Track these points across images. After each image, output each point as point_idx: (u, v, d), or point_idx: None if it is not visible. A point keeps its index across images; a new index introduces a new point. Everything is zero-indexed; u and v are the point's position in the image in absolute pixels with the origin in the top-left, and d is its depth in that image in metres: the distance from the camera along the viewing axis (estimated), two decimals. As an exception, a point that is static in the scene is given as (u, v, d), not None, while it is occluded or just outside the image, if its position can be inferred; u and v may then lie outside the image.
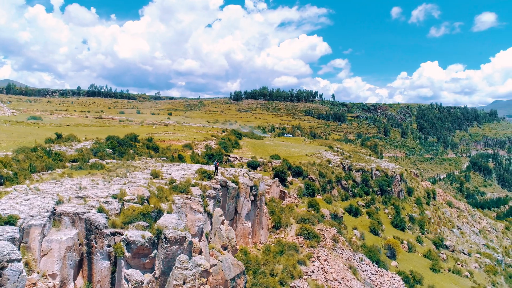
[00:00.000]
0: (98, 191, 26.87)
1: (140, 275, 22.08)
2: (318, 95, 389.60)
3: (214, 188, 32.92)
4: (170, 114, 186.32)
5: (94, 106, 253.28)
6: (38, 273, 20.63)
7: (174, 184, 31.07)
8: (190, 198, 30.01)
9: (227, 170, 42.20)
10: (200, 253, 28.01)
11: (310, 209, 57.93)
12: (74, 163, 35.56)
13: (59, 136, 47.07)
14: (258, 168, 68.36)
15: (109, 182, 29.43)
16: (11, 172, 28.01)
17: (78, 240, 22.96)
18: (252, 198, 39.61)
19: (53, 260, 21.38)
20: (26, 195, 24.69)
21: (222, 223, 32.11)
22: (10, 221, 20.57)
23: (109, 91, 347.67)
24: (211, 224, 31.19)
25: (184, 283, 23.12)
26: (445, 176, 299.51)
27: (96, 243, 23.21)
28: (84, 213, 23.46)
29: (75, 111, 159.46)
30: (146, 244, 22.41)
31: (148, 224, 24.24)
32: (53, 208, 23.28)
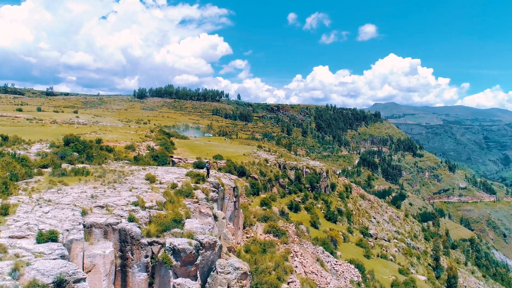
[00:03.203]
0: (114, 199, 24.94)
1: (191, 283, 21.49)
2: (224, 95, 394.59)
3: (213, 191, 32.75)
4: (76, 112, 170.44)
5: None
6: (85, 291, 18.68)
7: (177, 188, 30.17)
8: (198, 202, 29.49)
9: (204, 171, 41.73)
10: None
11: (264, 207, 59.88)
12: (45, 169, 31.89)
13: (4, 138, 40.81)
14: (204, 169, 67.96)
15: (115, 189, 27.37)
16: (-2, 182, 24.34)
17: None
18: (234, 199, 40.02)
19: (99, 276, 19.54)
20: (41, 207, 21.87)
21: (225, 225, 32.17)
22: (52, 237, 18.31)
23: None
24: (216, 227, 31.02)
25: (228, 287, 23.08)
26: (340, 171, 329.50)
27: (132, 254, 21.73)
28: (117, 223, 21.77)
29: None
30: (193, 251, 21.84)
31: (182, 231, 23.52)
32: (82, 220, 21.14)
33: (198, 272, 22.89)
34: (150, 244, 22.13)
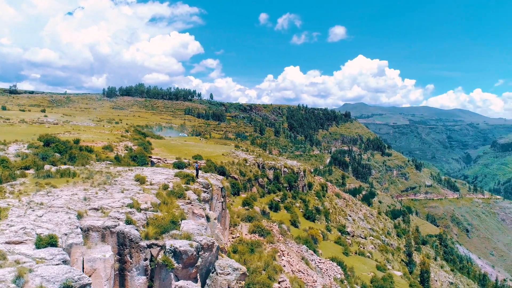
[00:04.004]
0: (108, 201, 24.21)
1: (193, 286, 21.20)
2: (197, 94, 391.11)
3: (204, 191, 32.45)
4: (44, 111, 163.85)
5: None
6: (86, 297, 18.01)
7: (168, 189, 29.69)
8: (191, 203, 29.14)
9: (192, 172, 41.24)
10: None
11: (246, 207, 59.88)
12: (27, 171, 30.60)
13: (-22, 138, 38.72)
14: (185, 169, 67.19)
15: (106, 191, 26.58)
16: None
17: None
18: (222, 199, 39.78)
19: (101, 281, 18.90)
20: (33, 210, 20.95)
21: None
22: (52, 241, 17.61)
23: None
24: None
25: (228, 288, 22.94)
26: (312, 171, 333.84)
27: (131, 258, 21.18)
28: (115, 226, 21.15)
29: None
30: (194, 253, 21.54)
31: (180, 233, 23.15)
32: (79, 223, 20.40)
33: (198, 274, 22.62)
34: (149, 246, 21.64)
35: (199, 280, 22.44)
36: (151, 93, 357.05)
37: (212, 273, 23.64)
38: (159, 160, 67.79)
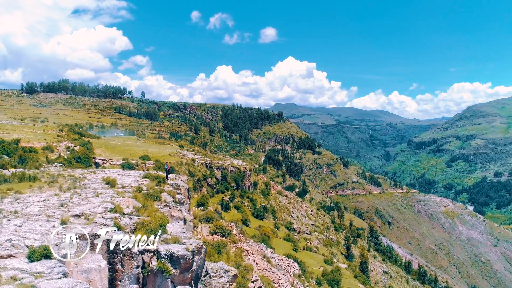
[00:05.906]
0: (88, 207, 22.38)
1: (192, 291, 20.38)
2: (127, 92, 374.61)
3: (177, 193, 31.38)
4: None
5: None
6: (83, 312, 16.45)
7: (143, 192, 28.26)
8: (168, 205, 27.99)
9: (155, 173, 39.57)
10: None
11: (201, 207, 58.96)
12: (-25, 176, 27.21)
13: None
14: (133, 170, 64.27)
15: (80, 196, 24.53)
16: None
17: (103, 266, 19.08)
18: (188, 201, 38.75)
19: (98, 293, 17.39)
20: (9, 220, 18.68)
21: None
22: (46, 253, 15.89)
23: None
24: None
25: (222, 291, 22.45)
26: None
27: (122, 266, 19.81)
28: (105, 233, 19.60)
29: None
30: (191, 257, 20.75)
31: (170, 237, 22.17)
32: (66, 232, 18.58)
33: (192, 279, 21.86)
34: (141, 253, 20.44)
35: (193, 285, 21.72)
36: (77, 90, 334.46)
37: (204, 276, 23.02)
38: (104, 161, 63.94)
